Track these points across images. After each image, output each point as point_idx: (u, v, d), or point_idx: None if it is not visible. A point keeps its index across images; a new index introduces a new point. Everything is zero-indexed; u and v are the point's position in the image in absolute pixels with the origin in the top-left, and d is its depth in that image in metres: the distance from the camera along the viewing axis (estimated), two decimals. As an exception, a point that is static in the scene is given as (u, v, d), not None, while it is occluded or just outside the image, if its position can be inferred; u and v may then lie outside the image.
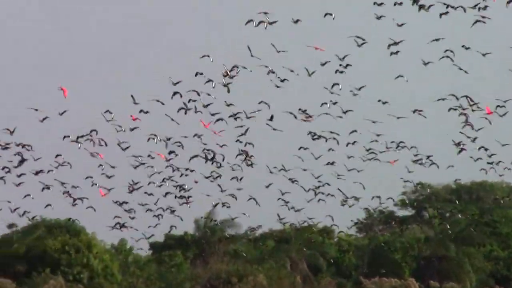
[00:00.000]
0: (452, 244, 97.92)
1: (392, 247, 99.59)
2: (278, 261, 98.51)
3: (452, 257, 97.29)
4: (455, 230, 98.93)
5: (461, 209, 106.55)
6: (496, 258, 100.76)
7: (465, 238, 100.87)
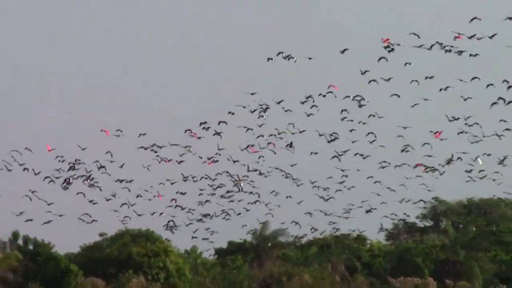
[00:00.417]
0: (463, 250, 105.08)
1: (414, 252, 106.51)
2: (320, 264, 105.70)
3: (463, 261, 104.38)
4: (466, 238, 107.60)
5: (471, 221, 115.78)
6: (500, 262, 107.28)
7: (473, 245, 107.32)
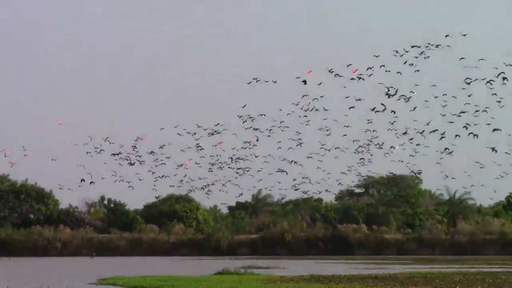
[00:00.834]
0: (383, 207, 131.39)
1: (353, 208, 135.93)
2: (294, 216, 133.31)
3: (383, 214, 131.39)
4: (385, 200, 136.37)
5: (388, 188, 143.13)
6: (407, 214, 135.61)
7: (390, 204, 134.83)
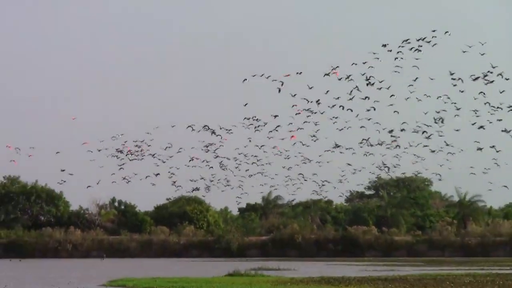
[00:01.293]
0: (393, 209, 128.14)
1: (363, 210, 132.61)
2: (304, 217, 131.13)
3: (393, 216, 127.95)
4: (395, 202, 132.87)
5: (398, 190, 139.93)
6: (416, 216, 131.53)
7: (400, 205, 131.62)
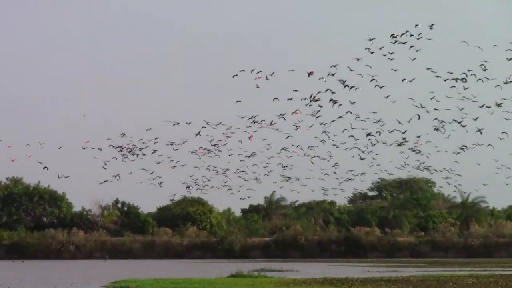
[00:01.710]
0: (396, 210, 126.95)
1: (366, 211, 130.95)
2: (307, 219, 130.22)
3: (396, 217, 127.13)
4: (398, 202, 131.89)
5: (401, 192, 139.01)
6: (419, 217, 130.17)
7: (403, 206, 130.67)
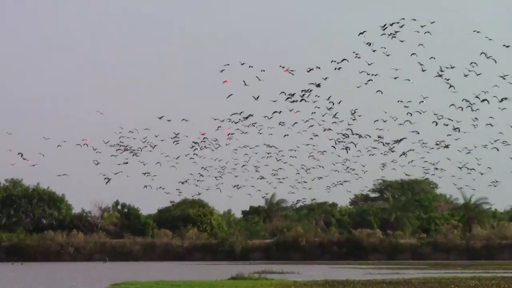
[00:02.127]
0: (398, 212, 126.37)
1: (367, 213, 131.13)
2: (308, 220, 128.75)
3: (398, 218, 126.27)
4: (400, 204, 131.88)
5: (403, 193, 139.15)
6: (421, 219, 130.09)
7: (404, 208, 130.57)
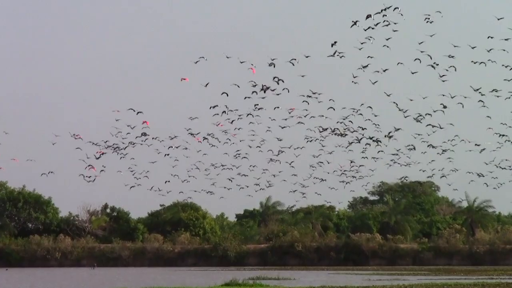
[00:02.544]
0: (398, 215, 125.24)
1: (366, 216, 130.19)
2: (305, 224, 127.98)
3: (398, 222, 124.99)
4: (400, 207, 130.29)
5: (403, 196, 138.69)
6: (422, 222, 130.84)
7: (405, 211, 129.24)
